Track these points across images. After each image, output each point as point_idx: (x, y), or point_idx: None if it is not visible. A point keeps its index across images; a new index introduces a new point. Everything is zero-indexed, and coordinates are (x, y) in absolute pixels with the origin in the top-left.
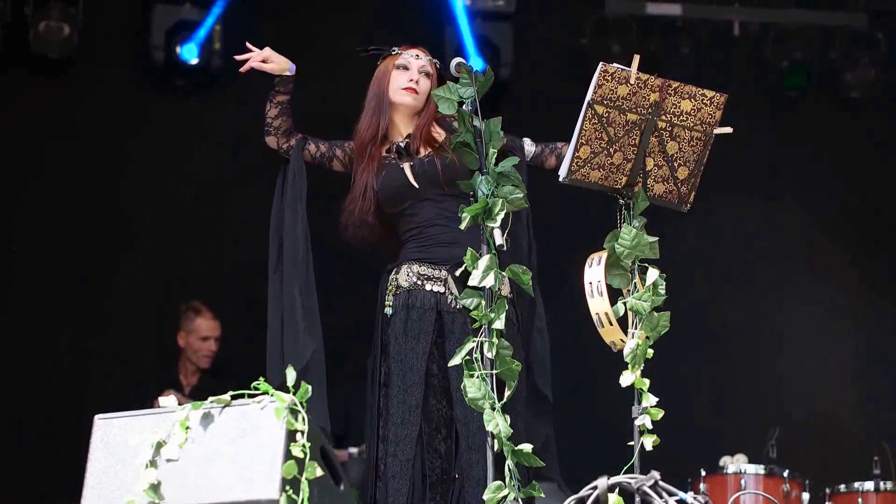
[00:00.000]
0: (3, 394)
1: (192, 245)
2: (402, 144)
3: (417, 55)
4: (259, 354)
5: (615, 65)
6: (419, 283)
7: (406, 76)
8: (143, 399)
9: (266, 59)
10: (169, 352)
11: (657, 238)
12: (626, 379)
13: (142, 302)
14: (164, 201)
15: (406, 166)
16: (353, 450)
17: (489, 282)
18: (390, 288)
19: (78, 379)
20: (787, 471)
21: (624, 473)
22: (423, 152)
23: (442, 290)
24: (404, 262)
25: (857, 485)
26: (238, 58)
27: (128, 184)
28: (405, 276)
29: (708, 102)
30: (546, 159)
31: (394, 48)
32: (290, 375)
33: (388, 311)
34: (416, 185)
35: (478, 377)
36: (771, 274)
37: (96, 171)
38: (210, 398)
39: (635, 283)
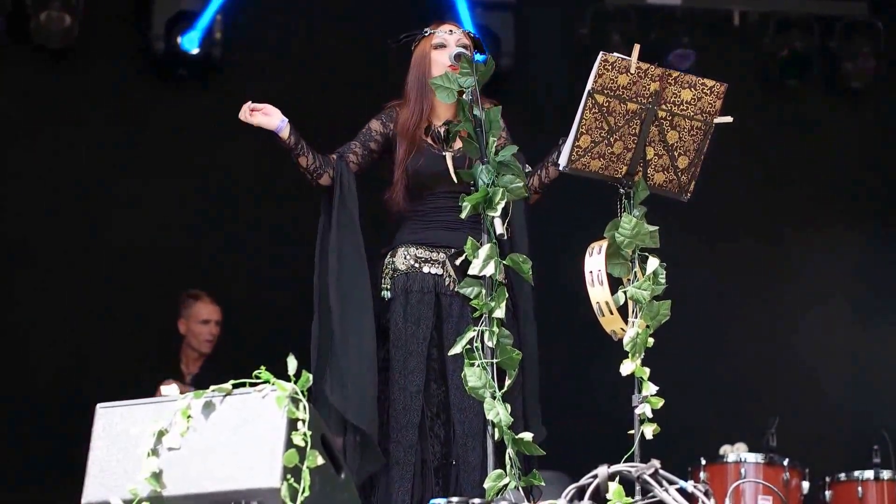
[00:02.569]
0: (5, 383)
1: (193, 233)
2: (441, 131)
3: (451, 30)
4: (259, 343)
5: (615, 54)
6: (416, 265)
7: (446, 53)
8: (144, 388)
9: (260, 111)
10: (170, 341)
11: (657, 227)
12: (627, 368)
13: (143, 290)
14: (164, 190)
15: (448, 156)
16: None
17: (489, 270)
18: (386, 271)
19: (79, 368)
20: (786, 459)
21: (624, 462)
22: (459, 144)
23: (440, 272)
24: (400, 245)
25: (856, 473)
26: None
27: (129, 172)
28: (402, 258)
29: (708, 92)
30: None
31: (425, 29)
32: (291, 364)
33: (387, 294)
34: (455, 179)
35: (478, 366)
36: (770, 262)
37: (97, 161)
38: (211, 387)
39: (635, 272)
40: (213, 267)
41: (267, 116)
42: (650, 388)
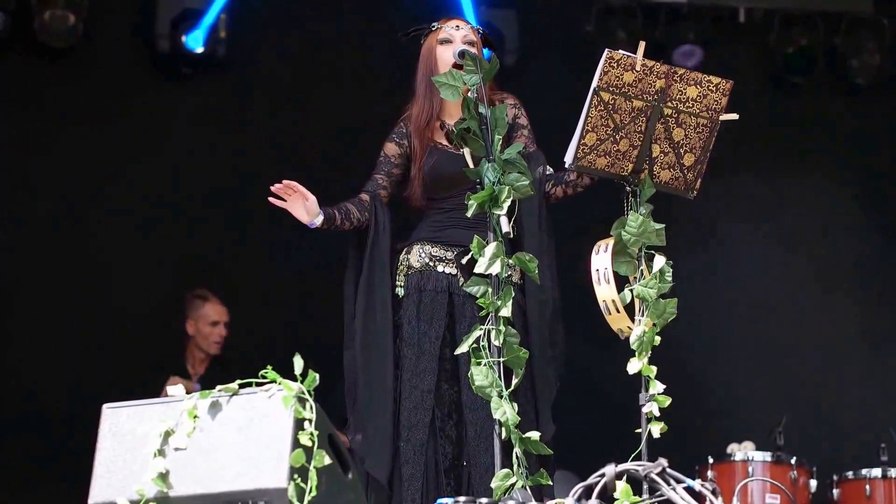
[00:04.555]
0: (12, 384)
1: (196, 233)
2: (456, 130)
3: (458, 26)
4: (265, 343)
5: (621, 51)
6: (431, 264)
7: (451, 49)
8: (150, 389)
9: (301, 197)
10: (176, 341)
11: (663, 225)
12: (634, 366)
13: (149, 291)
14: (169, 189)
15: (466, 153)
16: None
17: (495, 269)
18: (401, 268)
19: (86, 369)
20: (794, 458)
21: (632, 461)
22: None
23: (454, 272)
24: (416, 241)
25: (864, 472)
26: (278, 188)
27: (133, 171)
28: (417, 256)
29: (714, 89)
30: (554, 189)
31: (433, 24)
32: (298, 364)
33: (400, 291)
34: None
35: (485, 365)
36: (777, 261)
37: (101, 160)
38: (218, 387)
39: (642, 270)
40: (219, 267)
41: (303, 213)
42: (657, 387)
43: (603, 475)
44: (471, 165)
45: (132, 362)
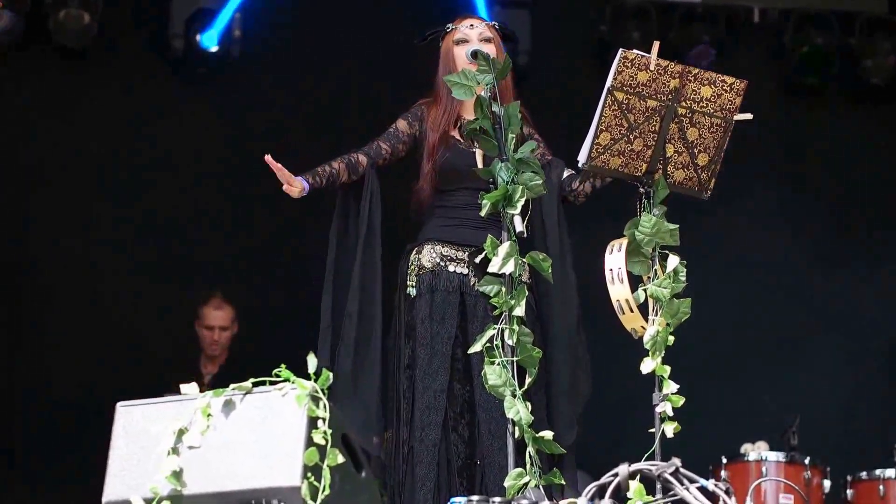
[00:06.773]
0: (25, 383)
1: (210, 233)
2: (467, 128)
3: (472, 24)
4: (277, 344)
5: (635, 51)
6: (442, 263)
7: (468, 49)
8: (164, 387)
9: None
10: (190, 340)
11: (677, 225)
12: (647, 366)
13: (163, 289)
14: (183, 189)
15: (478, 152)
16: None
17: (509, 268)
18: (412, 268)
19: (99, 367)
20: (808, 458)
21: (645, 460)
22: None
23: (465, 271)
24: (425, 241)
25: (878, 472)
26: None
27: (147, 172)
28: (428, 256)
29: (728, 89)
30: (582, 184)
31: (448, 25)
32: (311, 362)
33: (412, 291)
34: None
35: (498, 364)
36: (792, 262)
37: (115, 160)
38: (231, 385)
39: (656, 269)
40: (235, 266)
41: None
42: (671, 387)
43: (616, 474)
44: (480, 165)
45: (146, 360)
